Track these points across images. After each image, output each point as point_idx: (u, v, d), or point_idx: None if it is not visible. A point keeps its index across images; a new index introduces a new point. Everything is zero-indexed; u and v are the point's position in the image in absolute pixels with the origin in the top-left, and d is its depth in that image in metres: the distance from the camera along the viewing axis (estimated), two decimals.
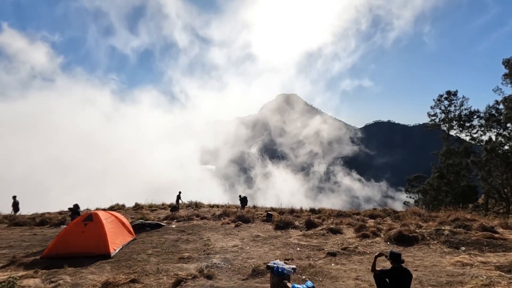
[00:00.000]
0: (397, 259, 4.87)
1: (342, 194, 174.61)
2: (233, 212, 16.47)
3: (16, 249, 10.20)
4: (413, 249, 9.10)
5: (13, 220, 15.53)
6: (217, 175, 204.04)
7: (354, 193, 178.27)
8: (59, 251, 8.96)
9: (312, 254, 9.03)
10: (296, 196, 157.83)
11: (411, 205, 33.47)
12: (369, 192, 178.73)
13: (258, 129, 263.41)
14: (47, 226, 14.64)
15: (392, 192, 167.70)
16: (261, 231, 12.54)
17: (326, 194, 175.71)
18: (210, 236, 11.66)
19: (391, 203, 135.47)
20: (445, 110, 33.72)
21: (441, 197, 29.55)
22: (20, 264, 8.47)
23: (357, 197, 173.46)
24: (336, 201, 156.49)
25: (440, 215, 12.95)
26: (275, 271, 6.01)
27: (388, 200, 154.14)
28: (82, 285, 6.68)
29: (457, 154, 30.56)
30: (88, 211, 16.29)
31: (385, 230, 10.92)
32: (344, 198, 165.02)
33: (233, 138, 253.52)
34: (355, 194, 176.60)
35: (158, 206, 21.85)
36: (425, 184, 32.60)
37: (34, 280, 6.85)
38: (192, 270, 7.45)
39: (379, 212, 15.95)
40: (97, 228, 9.49)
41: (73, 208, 13.08)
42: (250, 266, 7.80)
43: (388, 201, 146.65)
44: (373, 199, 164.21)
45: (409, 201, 37.90)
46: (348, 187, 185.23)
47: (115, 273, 7.43)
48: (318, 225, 12.71)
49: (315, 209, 18.33)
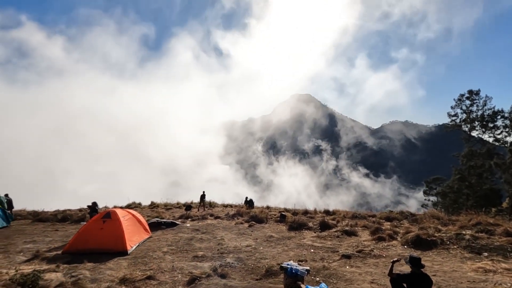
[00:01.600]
0: (417, 263, 4.67)
1: (355, 193, 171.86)
2: (246, 212, 16.54)
3: (39, 244, 10.67)
4: (432, 253, 8.82)
5: (37, 216, 16.23)
6: (229, 174, 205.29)
7: (366, 192, 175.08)
8: (79, 246, 9.29)
9: (326, 256, 8.93)
10: (311, 197, 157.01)
11: (429, 208, 32.44)
12: (387, 193, 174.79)
13: (270, 129, 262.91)
14: (68, 223, 15.21)
15: (408, 192, 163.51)
16: (274, 231, 12.52)
17: (338, 193, 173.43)
18: (223, 236, 11.75)
19: (405, 203, 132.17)
20: (467, 110, 32.40)
21: (462, 200, 28.44)
22: (43, 258, 8.85)
23: (370, 197, 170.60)
24: (350, 199, 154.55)
25: (460, 219, 12.46)
26: (288, 272, 5.99)
27: (402, 198, 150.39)
28: (100, 280, 6.89)
29: (479, 156, 29.30)
30: (106, 208, 16.80)
31: (402, 233, 10.64)
32: (357, 197, 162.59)
33: (246, 138, 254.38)
34: (367, 194, 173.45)
35: (173, 205, 22.26)
36: (445, 186, 31.47)
37: (56, 274, 7.13)
38: (206, 268, 7.53)
39: (396, 215, 15.54)
40: (115, 225, 9.77)
41: (91, 206, 13.53)
42: (264, 266, 7.80)
43: (402, 199, 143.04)
44: (390, 199, 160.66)
45: (427, 204, 36.73)
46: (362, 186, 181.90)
47: (132, 270, 7.63)
48: (332, 226, 12.55)
49: (329, 210, 18.10)
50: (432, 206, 33.32)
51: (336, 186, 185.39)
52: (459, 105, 32.92)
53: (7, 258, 8.93)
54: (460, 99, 32.77)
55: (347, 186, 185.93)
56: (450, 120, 33.92)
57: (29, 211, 18.16)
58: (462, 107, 32.76)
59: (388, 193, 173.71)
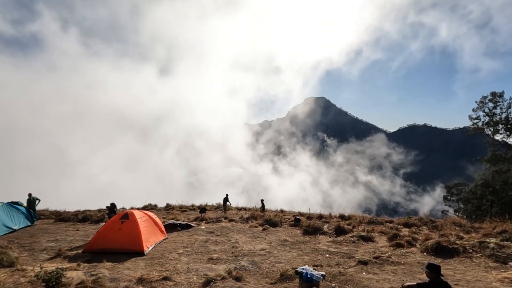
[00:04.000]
0: (437, 271, 4.45)
1: (373, 199, 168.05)
2: (260, 216, 16.52)
3: (61, 243, 11.09)
4: (453, 261, 8.48)
5: (59, 216, 16.88)
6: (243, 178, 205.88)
7: (393, 199, 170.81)
8: (99, 246, 9.58)
9: (342, 261, 8.77)
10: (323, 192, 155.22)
11: (450, 215, 31.19)
12: (416, 204, 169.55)
13: (283, 132, 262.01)
14: (88, 223, 15.73)
15: (423, 197, 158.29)
16: (289, 235, 12.43)
17: (348, 192, 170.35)
18: (238, 239, 11.79)
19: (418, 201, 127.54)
20: (490, 112, 31.07)
21: (486, 207, 27.17)
22: (65, 257, 9.19)
23: (381, 195, 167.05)
24: (359, 195, 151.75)
25: (484, 227, 11.92)
26: (304, 277, 5.93)
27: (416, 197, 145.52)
28: (119, 279, 7.07)
29: (504, 161, 27.97)
30: (124, 210, 17.24)
31: (422, 240, 10.29)
32: (367, 194, 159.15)
33: (259, 141, 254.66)
34: (393, 200, 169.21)
35: (188, 207, 22.55)
36: (467, 192, 30.17)
37: (77, 272, 7.38)
38: (221, 271, 7.58)
39: (415, 221, 15.05)
40: (132, 226, 10.02)
41: (110, 207, 13.95)
42: (278, 270, 7.76)
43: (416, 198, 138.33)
44: (403, 198, 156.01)
45: (447, 210, 35.31)
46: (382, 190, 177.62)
47: (149, 270, 7.79)
48: (348, 231, 12.32)
49: (345, 215, 17.78)
50: (453, 212, 32.02)
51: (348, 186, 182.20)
52: (481, 107, 31.62)
53: (32, 255, 9.35)
54: (482, 101, 31.49)
55: (356, 184, 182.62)
56: (472, 123, 32.64)
57: (52, 211, 18.93)
58: (484, 109, 31.46)
59: (400, 192, 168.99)
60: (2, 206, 13.21)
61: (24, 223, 13.97)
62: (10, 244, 10.33)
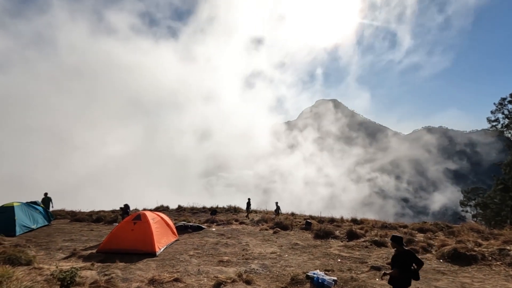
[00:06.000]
0: (400, 241, 4.97)
1: (390, 207, 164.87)
2: (271, 219, 16.44)
3: (76, 243, 11.37)
4: (471, 269, 8.18)
5: (74, 216, 17.33)
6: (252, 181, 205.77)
7: (405, 206, 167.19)
8: (112, 246, 9.77)
9: (354, 266, 8.61)
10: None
11: (467, 220, 30.16)
12: (426, 202, 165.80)
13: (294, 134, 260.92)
14: (102, 223, 16.08)
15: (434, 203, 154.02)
16: (300, 239, 12.32)
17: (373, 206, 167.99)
18: (248, 241, 11.77)
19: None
20: (509, 114, 29.98)
21: (505, 213, 26.12)
22: (80, 256, 9.41)
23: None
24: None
25: (504, 233, 11.43)
26: (315, 282, 5.86)
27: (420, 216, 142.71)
28: (131, 280, 7.18)
29: None
30: (137, 211, 17.54)
31: (438, 246, 10.00)
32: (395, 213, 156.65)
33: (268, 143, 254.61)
34: (406, 207, 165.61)
35: (199, 209, 22.70)
36: (485, 197, 29.12)
37: (91, 272, 7.54)
38: (231, 274, 7.57)
39: (430, 226, 14.63)
40: (144, 227, 10.17)
41: (123, 208, 14.23)
42: (289, 274, 7.69)
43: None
44: (423, 212, 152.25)
45: (464, 215, 34.16)
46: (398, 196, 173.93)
47: (160, 271, 7.87)
48: (360, 236, 12.09)
49: (357, 219, 17.47)
50: (471, 218, 30.97)
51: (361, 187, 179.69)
52: (500, 109, 30.54)
53: (48, 254, 9.62)
54: (501, 103, 30.42)
55: (365, 185, 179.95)
56: (490, 126, 31.56)
57: (68, 211, 19.47)
58: (504, 111, 30.37)
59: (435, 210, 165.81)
60: (21, 206, 13.67)
61: (42, 223, 14.41)
62: (28, 243, 10.66)
